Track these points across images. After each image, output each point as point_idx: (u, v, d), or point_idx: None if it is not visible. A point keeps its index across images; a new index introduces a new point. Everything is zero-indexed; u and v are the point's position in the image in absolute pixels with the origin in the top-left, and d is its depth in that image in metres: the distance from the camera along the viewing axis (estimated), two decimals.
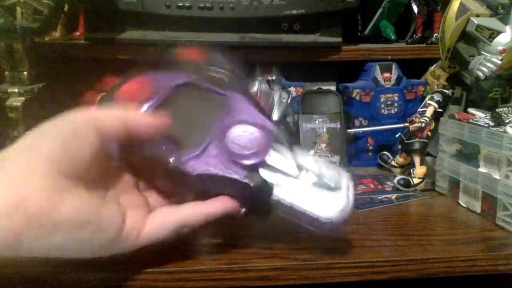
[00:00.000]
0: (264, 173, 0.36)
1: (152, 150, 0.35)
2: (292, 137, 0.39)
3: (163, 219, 0.35)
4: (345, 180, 0.38)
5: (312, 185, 0.37)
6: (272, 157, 0.37)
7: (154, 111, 0.36)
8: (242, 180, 0.36)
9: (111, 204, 0.33)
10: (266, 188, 0.36)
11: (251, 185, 0.35)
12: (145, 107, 0.36)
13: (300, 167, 0.37)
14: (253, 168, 0.36)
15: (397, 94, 0.70)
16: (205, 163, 0.35)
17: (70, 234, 0.29)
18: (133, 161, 0.37)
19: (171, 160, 0.35)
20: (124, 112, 0.34)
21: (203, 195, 0.37)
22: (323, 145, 0.67)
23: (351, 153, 0.72)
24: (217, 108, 0.38)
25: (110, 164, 0.36)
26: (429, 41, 0.76)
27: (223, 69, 0.41)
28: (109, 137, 0.33)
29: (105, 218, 0.31)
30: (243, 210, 0.37)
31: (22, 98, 0.51)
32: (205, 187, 0.36)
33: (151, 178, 0.38)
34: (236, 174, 0.36)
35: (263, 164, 0.37)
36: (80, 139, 0.31)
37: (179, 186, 0.37)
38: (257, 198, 0.36)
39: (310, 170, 0.38)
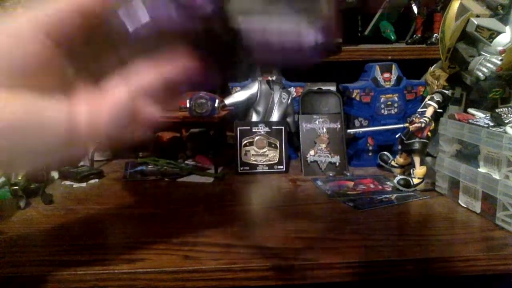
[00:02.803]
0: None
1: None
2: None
3: (115, 95, 0.31)
4: None
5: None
6: None
7: None
8: (196, 13, 0.29)
9: (53, 101, 0.30)
10: (227, 18, 0.29)
11: (207, 15, 0.29)
12: None
13: None
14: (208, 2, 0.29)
15: (397, 95, 0.70)
16: (147, 11, 0.30)
17: (15, 135, 0.28)
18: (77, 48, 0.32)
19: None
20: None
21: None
22: (323, 145, 0.67)
23: (351, 153, 0.72)
24: None
25: (57, 65, 0.32)
26: (429, 42, 0.76)
27: None
28: (58, 34, 0.30)
29: (47, 115, 0.29)
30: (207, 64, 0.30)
31: None
32: (155, 39, 0.30)
33: (100, 54, 0.33)
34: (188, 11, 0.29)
35: None
36: (25, 46, 0.29)
37: (130, 50, 0.31)
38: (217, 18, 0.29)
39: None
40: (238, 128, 0.68)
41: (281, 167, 0.67)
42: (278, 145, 0.67)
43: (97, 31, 0.31)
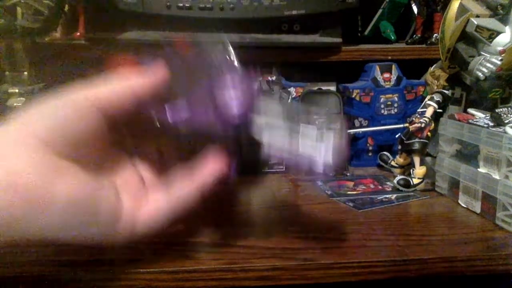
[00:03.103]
0: (252, 118, 0.35)
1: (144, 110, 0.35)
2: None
3: (157, 205, 0.34)
4: (338, 122, 0.36)
5: (302, 126, 0.35)
6: (261, 105, 0.36)
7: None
8: (229, 132, 0.34)
9: (107, 185, 0.32)
10: (252, 129, 0.35)
11: (237, 124, 0.34)
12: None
13: (288, 108, 0.36)
14: (240, 114, 0.35)
15: (397, 95, 0.70)
16: (189, 108, 0.34)
17: (64, 214, 0.28)
18: (125, 130, 0.37)
19: (156, 110, 0.35)
20: (125, 79, 0.33)
21: (189, 150, 0.35)
22: None
23: (351, 153, 0.72)
24: (205, 71, 0.37)
25: (107, 143, 0.34)
26: (429, 42, 0.76)
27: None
28: (111, 113, 0.32)
29: (100, 199, 0.31)
30: (233, 165, 0.36)
31: (22, 99, 0.51)
32: (190, 133, 0.35)
33: (142, 140, 0.37)
34: (222, 118, 0.34)
35: (251, 111, 0.35)
36: (80, 120, 0.30)
37: (168, 141, 0.36)
38: (243, 137, 0.34)
39: (298, 109, 0.37)
40: None
41: (281, 167, 0.67)
42: None
43: (143, 116, 0.35)
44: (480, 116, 0.54)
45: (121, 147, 0.37)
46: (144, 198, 0.34)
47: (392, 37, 0.76)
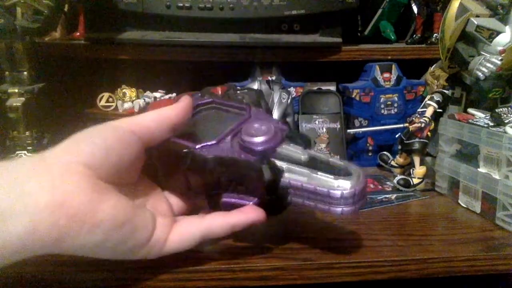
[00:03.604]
0: (275, 161, 0.37)
1: (173, 144, 0.37)
2: (306, 139, 0.40)
3: (188, 229, 0.36)
4: (355, 169, 0.37)
5: (322, 170, 0.37)
6: (284, 148, 0.38)
7: None
8: (253, 162, 0.36)
9: (143, 208, 0.35)
10: (275, 170, 0.37)
11: (262, 167, 0.36)
12: None
13: (310, 156, 0.38)
14: (264, 154, 0.37)
15: (397, 94, 0.70)
16: (218, 149, 0.37)
17: (108, 234, 0.30)
18: (156, 160, 0.40)
19: (187, 148, 0.37)
20: (159, 112, 0.37)
21: (217, 187, 0.38)
22: (323, 145, 0.67)
23: (351, 153, 0.72)
24: (236, 118, 0.41)
25: (142, 169, 0.37)
26: (429, 41, 0.76)
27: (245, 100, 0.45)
28: (151, 140, 0.35)
29: (139, 221, 0.33)
30: (255, 200, 0.38)
31: (22, 99, 0.51)
32: (217, 172, 0.37)
33: (172, 172, 0.40)
34: (247, 158, 0.37)
35: (275, 153, 0.38)
36: (123, 146, 0.33)
37: (193, 176, 0.38)
38: (267, 183, 0.36)
39: (320, 159, 0.38)
40: None
41: None
42: None
43: (175, 147, 0.38)
44: (480, 116, 0.54)
45: (153, 175, 0.40)
46: (174, 225, 0.36)
47: (392, 37, 0.76)
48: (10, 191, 0.27)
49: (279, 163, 0.37)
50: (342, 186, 0.35)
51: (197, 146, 0.37)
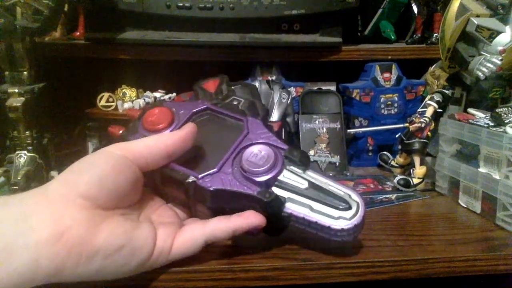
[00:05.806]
0: (276, 189, 0.38)
1: (173, 171, 0.38)
2: (305, 159, 0.40)
3: (192, 234, 0.37)
4: (355, 198, 0.38)
5: (323, 200, 0.38)
6: (284, 175, 0.39)
7: None
8: (255, 195, 0.37)
9: (143, 225, 0.35)
10: (278, 202, 0.37)
11: (264, 200, 0.37)
12: (168, 132, 0.40)
13: (311, 185, 0.39)
14: (266, 185, 0.38)
15: (397, 94, 0.70)
16: (220, 179, 0.37)
17: (107, 260, 0.31)
18: (157, 184, 0.40)
19: (189, 178, 0.37)
20: (156, 138, 0.37)
21: (220, 211, 0.38)
22: (323, 145, 0.67)
23: (351, 153, 0.72)
24: (233, 131, 0.41)
25: (142, 189, 0.38)
26: (429, 41, 0.76)
27: (243, 99, 0.45)
28: (145, 166, 0.36)
29: (138, 241, 0.33)
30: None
31: (22, 98, 0.51)
32: (221, 202, 0.38)
33: (174, 197, 0.41)
34: (250, 190, 0.37)
35: (276, 181, 0.38)
36: (117, 173, 0.33)
37: (197, 203, 0.39)
38: (270, 213, 0.37)
39: (321, 186, 0.39)
40: None
41: None
42: None
43: (173, 173, 0.38)
44: (480, 116, 0.54)
45: (155, 190, 0.41)
46: (179, 231, 0.37)
47: (392, 37, 0.76)
48: (15, 227, 0.29)
49: (280, 192, 0.38)
50: (342, 221, 0.37)
51: (199, 176, 0.37)
